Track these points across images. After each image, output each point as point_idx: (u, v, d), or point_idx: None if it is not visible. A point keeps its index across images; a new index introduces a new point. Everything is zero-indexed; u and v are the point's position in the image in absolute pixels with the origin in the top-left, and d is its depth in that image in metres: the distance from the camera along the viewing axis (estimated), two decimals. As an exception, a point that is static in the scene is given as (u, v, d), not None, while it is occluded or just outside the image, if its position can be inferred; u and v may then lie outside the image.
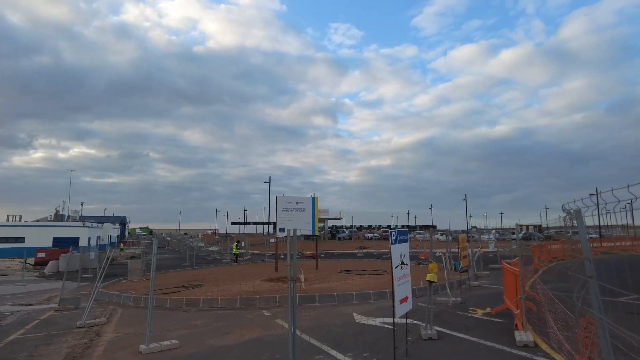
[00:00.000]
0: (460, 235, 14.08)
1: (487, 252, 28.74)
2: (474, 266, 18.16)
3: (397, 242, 6.30)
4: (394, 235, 6.26)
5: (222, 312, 11.38)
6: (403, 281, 6.35)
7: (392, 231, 6.22)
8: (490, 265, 22.10)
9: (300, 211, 21.81)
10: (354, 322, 9.58)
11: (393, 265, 6.08)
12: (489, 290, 14.04)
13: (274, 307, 11.79)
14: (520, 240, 7.79)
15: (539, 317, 8.27)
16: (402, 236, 6.54)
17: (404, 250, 6.54)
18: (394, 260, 6.15)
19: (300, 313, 10.78)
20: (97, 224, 52.15)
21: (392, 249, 6.15)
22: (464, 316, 9.71)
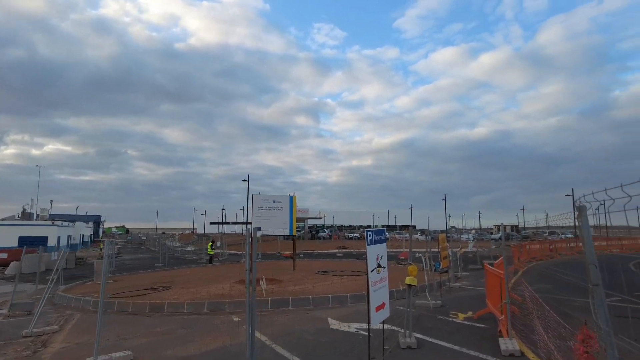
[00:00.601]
0: (440, 235, 13.61)
1: (467, 252, 28.59)
2: (455, 267, 17.76)
3: (373, 243, 5.67)
4: (370, 235, 5.63)
5: (188, 318, 10.58)
6: (380, 286, 5.72)
7: (369, 231, 5.59)
8: (470, 265, 21.81)
9: (278, 210, 21.08)
10: (328, 328, 8.93)
11: (369, 268, 5.44)
12: (469, 292, 13.61)
13: (243, 311, 11.01)
14: (504, 240, 7.26)
15: (523, 323, 7.79)
16: (380, 236, 5.91)
17: (382, 251, 5.92)
18: (370, 263, 5.51)
19: (271, 318, 10.08)
20: (69, 223, 50.15)
21: (368, 250, 5.52)
22: (445, 321, 9.17)
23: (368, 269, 5.44)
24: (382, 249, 5.96)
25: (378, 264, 5.75)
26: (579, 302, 10.73)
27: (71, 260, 29.33)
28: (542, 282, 14.57)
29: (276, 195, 21.50)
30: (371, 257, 5.56)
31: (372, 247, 5.63)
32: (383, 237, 6.05)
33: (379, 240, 5.85)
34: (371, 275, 5.48)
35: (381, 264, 5.86)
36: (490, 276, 8.83)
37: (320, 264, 25.67)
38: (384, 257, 6.02)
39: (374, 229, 5.74)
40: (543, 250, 26.03)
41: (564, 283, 14.49)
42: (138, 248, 61.89)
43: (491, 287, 8.64)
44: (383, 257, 5.96)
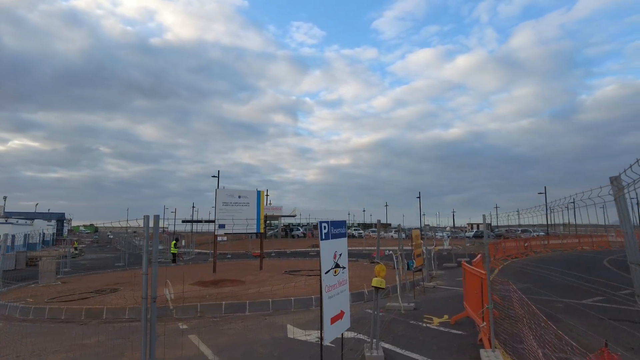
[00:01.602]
0: (414, 232, 12.65)
1: (442, 250, 27.93)
2: (429, 265, 16.90)
3: (329, 237, 4.54)
4: (326, 228, 4.49)
5: (128, 325, 9.21)
6: (337, 291, 4.60)
7: (324, 222, 4.44)
8: (445, 263, 21.07)
9: (244, 206, 19.76)
10: (285, 337, 7.76)
11: (322, 269, 4.31)
12: (444, 292, 12.69)
13: (193, 318, 9.76)
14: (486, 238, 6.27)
15: (507, 331, 6.82)
16: (338, 229, 4.78)
17: (341, 248, 4.80)
18: (325, 262, 4.38)
19: (223, 326, 8.84)
20: (26, 221, 47.27)
21: (323, 247, 4.38)
22: (418, 327, 8.15)
23: (322, 270, 4.30)
24: (342, 245, 4.84)
25: (336, 263, 4.62)
26: (562, 303, 9.92)
27: (21, 261, 27.21)
28: (520, 281, 13.81)
29: (242, 190, 20.18)
30: (326, 255, 4.43)
31: (328, 243, 4.50)
32: (343, 230, 4.93)
33: (337, 234, 4.73)
34: (326, 277, 4.35)
35: (340, 263, 4.74)
36: (468, 276, 7.85)
37: (291, 263, 24.49)
38: (344, 255, 4.90)
39: (331, 220, 4.61)
40: (518, 248, 25.61)
41: (543, 281, 13.78)
42: (104, 247, 59.34)
43: (470, 288, 7.66)
44: (343, 255, 4.84)
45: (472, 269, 7.40)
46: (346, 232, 5.01)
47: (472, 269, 7.39)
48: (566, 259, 23.21)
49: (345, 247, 4.97)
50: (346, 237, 4.99)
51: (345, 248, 4.97)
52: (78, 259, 38.37)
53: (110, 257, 35.89)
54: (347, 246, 5.17)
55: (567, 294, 11.24)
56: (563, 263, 20.55)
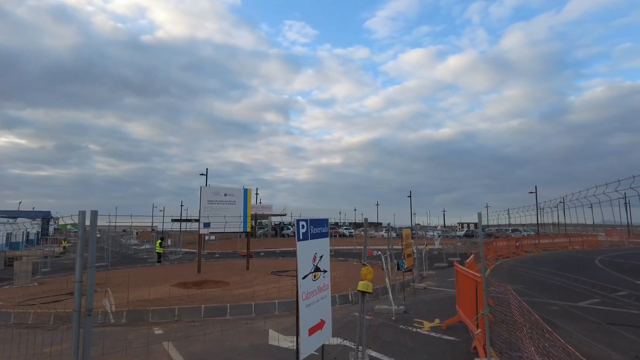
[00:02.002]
0: (404, 231, 12.18)
1: (432, 249, 27.60)
2: (420, 265, 16.47)
3: (308, 238, 4.02)
4: (304, 227, 3.97)
5: (101, 330, 8.60)
6: (317, 298, 4.08)
7: (301, 220, 3.92)
8: (436, 263, 20.66)
9: (230, 204, 19.15)
10: (266, 344, 7.23)
11: (299, 274, 3.78)
12: (436, 293, 12.25)
13: (170, 322, 9.18)
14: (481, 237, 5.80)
15: (499, 335, 6.36)
16: (319, 228, 4.26)
17: (321, 249, 4.28)
18: (302, 266, 3.86)
19: (200, 331, 8.26)
20: (8, 219, 46.04)
21: (300, 248, 3.86)
22: (408, 333, 7.66)
23: (298, 274, 3.77)
24: (323, 246, 4.32)
25: (315, 266, 4.10)
26: (557, 306, 9.51)
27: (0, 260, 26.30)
28: (513, 282, 13.42)
29: (228, 188, 19.57)
30: (304, 258, 3.91)
31: (307, 244, 3.97)
32: (324, 229, 4.41)
33: (317, 234, 4.21)
34: (304, 283, 3.83)
35: (321, 266, 4.22)
36: (461, 278, 7.38)
37: (279, 263, 23.93)
38: (326, 257, 4.38)
39: (312, 218, 4.09)
40: (509, 248, 25.32)
41: (536, 282, 13.40)
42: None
43: (463, 291, 7.19)
44: (324, 258, 4.33)
45: (465, 271, 6.93)
46: (328, 232, 4.49)
47: (465, 271, 6.92)
48: (558, 258, 22.96)
49: (327, 248, 4.45)
50: (328, 237, 4.48)
51: (327, 249, 4.45)
52: (62, 258, 37.40)
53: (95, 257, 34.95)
54: (330, 247, 4.65)
55: (562, 296, 10.85)
56: (555, 263, 20.27)
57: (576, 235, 37.25)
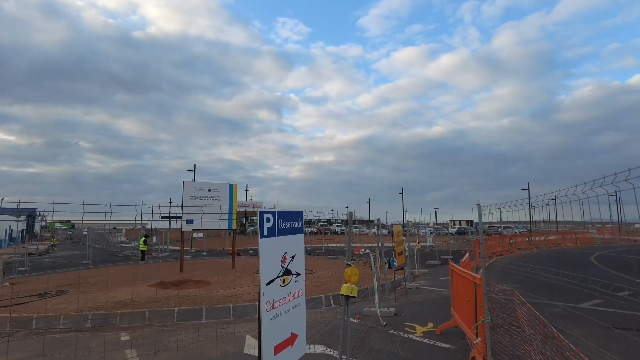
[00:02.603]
0: (395, 227, 11.49)
1: (424, 247, 26.99)
2: (412, 264, 15.82)
3: (275, 234, 3.28)
4: (271, 221, 3.23)
5: (61, 337, 7.82)
6: (286, 308, 3.35)
7: (266, 213, 3.18)
8: (428, 261, 20.04)
9: (214, 200, 18.34)
10: (241, 353, 6.49)
11: (262, 278, 3.05)
12: (428, 293, 11.58)
13: (139, 326, 8.40)
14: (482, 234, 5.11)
15: (499, 344, 5.67)
16: (291, 222, 3.53)
17: (294, 247, 3.55)
18: (266, 268, 3.13)
19: (171, 337, 7.51)
20: (-10, 217, 44.70)
21: (264, 246, 3.12)
22: (399, 339, 6.97)
23: (261, 279, 3.04)
24: (296, 243, 3.59)
25: (285, 269, 3.37)
26: (559, 308, 8.87)
27: (-26, 259, 25.18)
28: (508, 281, 12.81)
29: (213, 183, 18.75)
30: (270, 258, 3.17)
31: (273, 242, 3.24)
32: (298, 224, 3.68)
33: (288, 229, 3.47)
34: (268, 290, 3.09)
35: (292, 268, 3.49)
36: (457, 279, 6.69)
37: (267, 260, 23.15)
38: (300, 258, 3.65)
39: (279, 210, 3.35)
40: (503, 245, 24.80)
41: (532, 282, 12.80)
42: (78, 244, 57.15)
43: (459, 293, 6.50)
44: (297, 258, 3.59)
45: (461, 271, 6.24)
46: (303, 227, 3.76)
47: (461, 271, 6.23)
48: (552, 256, 22.47)
49: (301, 246, 3.72)
50: (302, 233, 3.75)
51: (301, 248, 3.72)
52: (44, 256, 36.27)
53: (80, 254, 34.01)
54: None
55: (562, 296, 10.24)
56: (550, 261, 19.75)
57: (569, 232, 36.93)
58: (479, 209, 4.81)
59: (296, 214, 3.65)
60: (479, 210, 4.81)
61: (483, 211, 75.20)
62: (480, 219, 4.90)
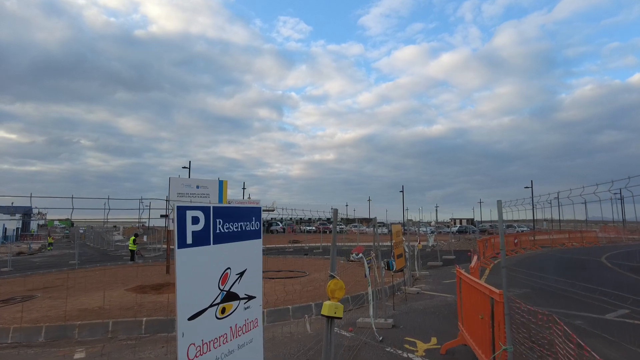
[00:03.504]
0: (394, 227, 10.43)
1: (426, 247, 25.93)
2: (412, 266, 14.75)
3: (209, 241, 2.19)
4: (199, 222, 2.15)
5: (6, 354, 6.78)
6: (229, 349, 2.27)
7: (190, 209, 2.10)
8: (430, 262, 18.98)
9: (202, 197, 17.26)
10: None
11: (180, 311, 1.97)
12: (430, 300, 10.52)
13: (100, 340, 7.34)
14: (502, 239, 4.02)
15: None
16: (238, 222, 2.45)
17: (244, 261, 2.47)
18: (188, 294, 2.04)
19: (132, 356, 6.44)
20: (-19, 215, 43.73)
21: (183, 260, 2.04)
22: (398, 358, 5.90)
23: (178, 311, 1.96)
24: (246, 254, 2.51)
25: (225, 292, 2.29)
26: (581, 320, 7.79)
27: (-44, 259, 24.20)
28: (516, 285, 11.75)
29: (201, 179, 17.70)
30: (195, 279, 2.10)
31: (203, 253, 2.16)
32: (252, 225, 2.60)
33: (231, 234, 2.40)
34: (191, 327, 2.03)
35: (240, 291, 2.41)
36: (467, 290, 5.61)
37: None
38: (253, 274, 2.57)
39: (217, 205, 2.27)
40: (508, 244, 23.71)
41: (543, 286, 11.71)
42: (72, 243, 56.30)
43: (469, 307, 5.43)
44: (248, 275, 2.51)
45: (473, 281, 5.17)
46: (260, 229, 2.71)
47: (473, 282, 5.16)
48: (560, 256, 21.39)
49: (257, 256, 2.66)
50: (260, 237, 2.69)
51: (257, 259, 2.66)
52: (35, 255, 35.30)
53: (67, 254, 33.00)
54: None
55: (581, 305, 9.16)
56: (559, 262, 18.68)
57: (575, 231, 35.85)
58: (499, 207, 3.74)
59: (249, 211, 2.59)
60: (499, 208, 3.75)
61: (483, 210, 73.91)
62: (501, 217, 3.83)
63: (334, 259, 4.07)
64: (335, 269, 4.01)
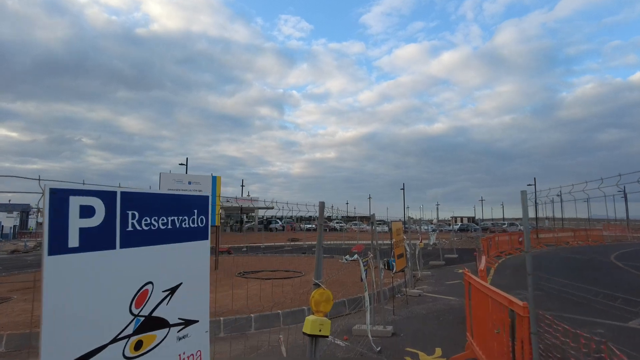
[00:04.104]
0: (394, 224, 9.69)
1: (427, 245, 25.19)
2: (414, 265, 14.03)
3: (112, 245, 1.44)
4: (95, 214, 1.39)
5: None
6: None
7: (77, 193, 1.35)
8: (432, 261, 18.25)
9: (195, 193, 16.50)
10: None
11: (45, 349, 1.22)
12: (433, 303, 9.79)
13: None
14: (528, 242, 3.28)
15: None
16: (173, 215, 1.70)
17: (181, 271, 1.72)
18: (73, 324, 1.29)
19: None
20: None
21: (60, 272, 1.28)
22: (396, 375, 5.18)
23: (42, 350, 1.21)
24: (180, 260, 1.76)
25: (143, 317, 1.54)
26: (603, 328, 7.06)
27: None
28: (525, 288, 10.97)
29: (194, 175, 16.99)
30: (88, 301, 1.35)
31: (107, 260, 1.41)
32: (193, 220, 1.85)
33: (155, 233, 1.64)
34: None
35: (170, 315, 1.66)
36: (479, 298, 4.87)
37: (256, 260, 21.43)
38: (197, 289, 1.83)
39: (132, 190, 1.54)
40: (512, 243, 22.97)
41: (554, 289, 10.96)
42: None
43: (481, 317, 4.69)
44: (186, 291, 1.77)
45: (486, 288, 4.42)
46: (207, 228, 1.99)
47: (486, 289, 4.42)
48: (567, 255, 20.64)
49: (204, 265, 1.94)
50: (207, 238, 1.97)
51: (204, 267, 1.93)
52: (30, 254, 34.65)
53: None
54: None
55: (599, 310, 8.41)
56: (567, 262, 17.93)
57: (580, 229, 35.09)
58: (524, 198, 3.00)
59: (188, 202, 1.85)
60: (523, 200, 3.01)
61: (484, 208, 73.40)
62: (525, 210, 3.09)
63: (320, 263, 3.34)
64: (321, 275, 3.28)
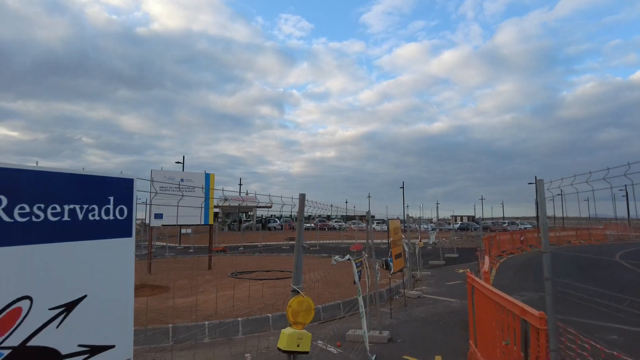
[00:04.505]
0: (391, 222, 9.19)
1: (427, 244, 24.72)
2: (413, 265, 13.54)
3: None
4: None
5: None
6: None
7: None
8: (431, 260, 17.78)
9: (187, 191, 16.06)
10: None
11: None
12: (432, 305, 9.30)
13: None
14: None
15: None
16: (70, 204, 1.20)
17: (74, 280, 1.21)
18: None
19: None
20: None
21: None
22: (392, 388, 4.69)
23: None
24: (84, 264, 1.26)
25: (10, 349, 1.04)
26: (615, 334, 6.57)
27: None
28: (529, 289, 10.53)
29: (186, 172, 16.57)
30: None
31: None
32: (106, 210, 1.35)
33: (36, 227, 1.14)
34: None
35: (65, 342, 1.17)
36: (483, 303, 4.38)
37: (252, 260, 20.97)
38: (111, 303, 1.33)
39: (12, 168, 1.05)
40: (514, 242, 22.50)
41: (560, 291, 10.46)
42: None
43: (486, 322, 4.21)
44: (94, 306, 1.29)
45: (493, 293, 3.93)
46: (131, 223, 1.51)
47: (493, 294, 3.93)
48: (570, 255, 20.16)
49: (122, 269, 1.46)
50: (131, 235, 1.49)
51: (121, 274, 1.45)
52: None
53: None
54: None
55: (610, 314, 7.92)
56: (571, 261, 17.45)
57: (582, 228, 34.62)
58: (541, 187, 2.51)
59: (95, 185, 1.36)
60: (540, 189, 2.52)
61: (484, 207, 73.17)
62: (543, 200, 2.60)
63: (300, 266, 2.84)
64: (301, 281, 2.79)
